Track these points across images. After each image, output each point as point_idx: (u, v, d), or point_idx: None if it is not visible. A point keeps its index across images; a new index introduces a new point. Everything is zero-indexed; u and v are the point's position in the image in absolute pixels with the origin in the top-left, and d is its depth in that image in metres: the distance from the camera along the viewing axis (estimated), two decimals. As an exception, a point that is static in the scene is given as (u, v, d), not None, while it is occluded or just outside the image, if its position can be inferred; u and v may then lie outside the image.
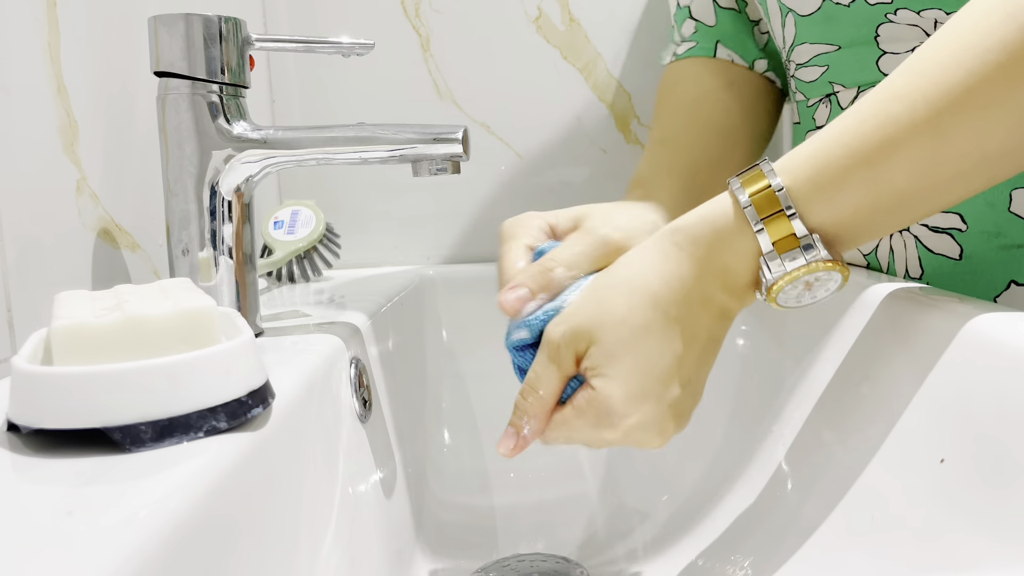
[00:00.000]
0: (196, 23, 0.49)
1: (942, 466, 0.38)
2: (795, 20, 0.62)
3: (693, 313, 0.44)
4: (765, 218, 0.42)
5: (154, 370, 0.32)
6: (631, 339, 0.43)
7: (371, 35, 0.56)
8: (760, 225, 0.42)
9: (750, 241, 0.43)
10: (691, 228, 0.44)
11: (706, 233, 0.44)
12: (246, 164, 0.51)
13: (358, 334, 0.58)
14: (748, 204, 0.42)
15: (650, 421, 0.44)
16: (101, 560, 0.23)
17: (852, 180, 0.41)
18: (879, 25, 0.56)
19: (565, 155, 0.88)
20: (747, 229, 0.43)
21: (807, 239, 0.42)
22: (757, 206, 0.42)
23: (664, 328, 0.44)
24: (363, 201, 0.89)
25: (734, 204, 0.43)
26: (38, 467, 0.30)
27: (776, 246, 0.42)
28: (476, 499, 0.70)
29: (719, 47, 0.71)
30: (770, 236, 0.42)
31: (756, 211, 0.42)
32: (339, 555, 0.42)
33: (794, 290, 0.43)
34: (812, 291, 0.43)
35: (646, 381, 0.43)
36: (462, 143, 0.51)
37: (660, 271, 0.44)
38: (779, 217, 0.42)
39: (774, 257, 0.42)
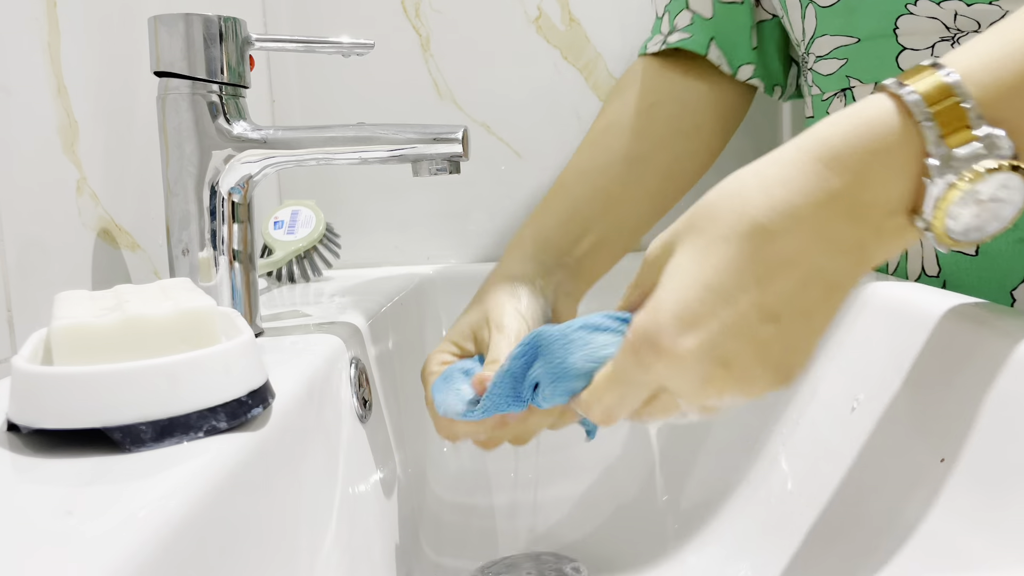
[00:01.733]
0: (196, 23, 0.49)
1: (942, 466, 0.38)
2: (816, 11, 0.62)
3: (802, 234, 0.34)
4: (934, 107, 0.33)
5: (154, 370, 0.32)
6: (703, 249, 0.34)
7: (371, 35, 0.56)
8: (928, 116, 0.33)
9: (910, 142, 0.33)
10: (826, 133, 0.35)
11: (846, 135, 0.34)
12: (246, 164, 0.51)
13: (358, 334, 0.58)
14: (913, 94, 0.33)
15: (714, 353, 0.34)
16: (101, 560, 0.23)
17: None
18: (899, 17, 0.56)
19: (565, 155, 0.88)
20: (909, 125, 0.33)
21: (988, 135, 0.33)
22: (925, 96, 0.33)
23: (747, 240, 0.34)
24: (363, 201, 0.89)
25: (892, 99, 0.34)
26: (38, 467, 0.30)
27: (947, 141, 0.33)
28: (476, 499, 0.70)
29: (712, 46, 0.69)
30: (940, 130, 0.33)
31: (924, 101, 0.33)
32: (339, 555, 0.42)
33: (965, 210, 0.34)
34: (983, 216, 0.34)
35: (708, 298, 0.34)
36: (462, 143, 0.51)
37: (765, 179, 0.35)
38: (952, 108, 0.33)
39: (944, 155, 0.33)
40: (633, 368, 0.36)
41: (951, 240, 0.35)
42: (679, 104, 0.69)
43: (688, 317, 0.34)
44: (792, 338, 0.35)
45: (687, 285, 0.34)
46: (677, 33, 0.70)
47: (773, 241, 0.34)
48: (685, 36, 0.70)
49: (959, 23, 0.54)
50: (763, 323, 0.34)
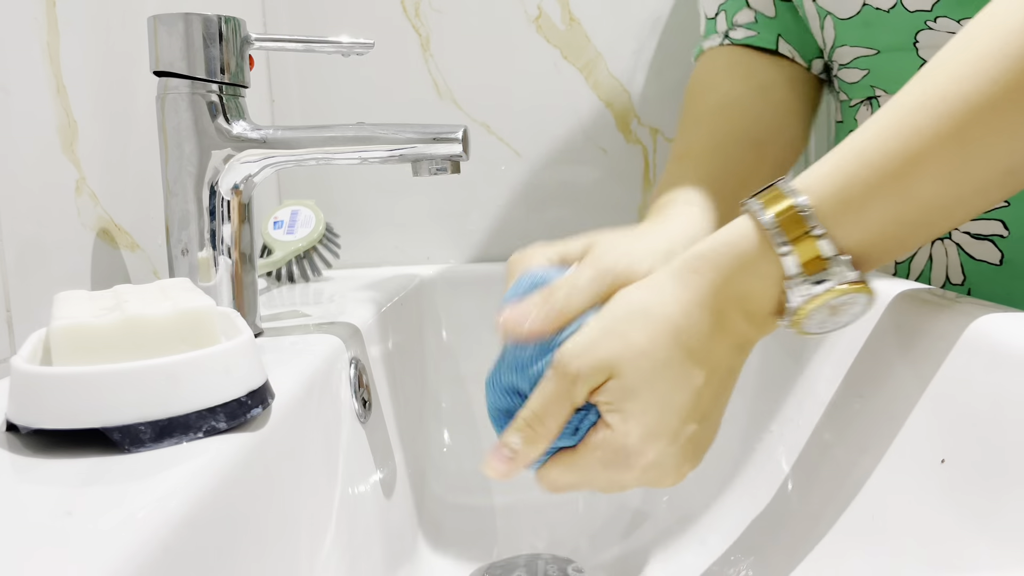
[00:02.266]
0: (196, 23, 0.49)
1: (942, 466, 0.38)
2: (834, 23, 0.61)
3: (713, 344, 0.42)
4: (791, 240, 0.39)
5: (154, 370, 0.32)
6: (651, 374, 0.41)
7: (371, 35, 0.56)
8: (787, 247, 0.40)
9: (773, 265, 0.40)
10: (710, 254, 0.42)
11: (727, 259, 0.41)
12: (246, 164, 0.51)
13: (358, 334, 0.57)
14: (773, 225, 0.40)
15: (666, 460, 0.42)
16: (100, 560, 0.23)
17: (878, 195, 0.39)
18: (918, 32, 0.56)
19: (565, 155, 0.88)
20: (770, 252, 0.40)
21: (835, 260, 0.39)
22: (783, 227, 0.40)
23: (684, 362, 0.42)
24: (363, 201, 0.89)
25: (756, 226, 0.41)
26: (38, 467, 0.30)
27: (804, 268, 0.39)
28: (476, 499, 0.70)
29: (780, 41, 0.66)
30: (798, 258, 0.39)
31: (782, 232, 0.40)
32: (339, 555, 0.42)
33: (819, 315, 0.41)
34: (836, 316, 0.41)
35: (665, 418, 0.42)
36: (462, 143, 0.51)
37: (679, 299, 0.42)
38: (806, 238, 0.39)
39: (801, 281, 0.40)
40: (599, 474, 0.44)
41: (807, 333, 0.42)
42: (788, 88, 0.67)
43: (650, 437, 0.42)
44: (714, 425, 0.45)
45: (646, 409, 0.42)
46: (741, 29, 0.68)
47: (703, 357, 0.42)
48: (751, 33, 0.67)
49: None
50: (700, 424, 0.43)
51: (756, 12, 0.68)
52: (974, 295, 0.59)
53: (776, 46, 0.67)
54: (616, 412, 0.42)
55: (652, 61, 0.87)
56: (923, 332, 0.44)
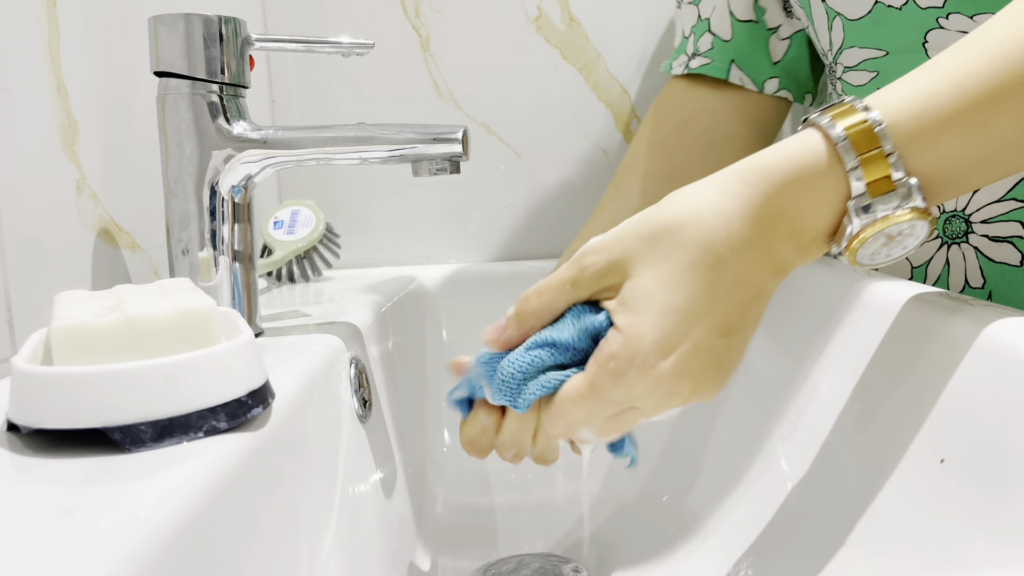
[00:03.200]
0: (196, 23, 0.49)
1: (942, 466, 0.38)
2: (843, 24, 0.61)
3: (748, 259, 0.39)
4: (861, 155, 0.37)
5: (154, 370, 0.32)
6: (671, 277, 0.38)
7: (371, 35, 0.56)
8: (855, 163, 0.37)
9: (837, 182, 0.37)
10: (767, 165, 0.39)
11: (784, 171, 0.38)
12: (246, 164, 0.51)
13: (358, 334, 0.58)
14: (843, 139, 0.37)
15: (683, 372, 0.38)
16: (101, 560, 0.23)
17: (958, 123, 0.37)
18: (928, 31, 0.56)
19: (565, 155, 0.88)
20: (837, 168, 0.37)
21: (903, 184, 0.37)
22: (853, 142, 0.37)
23: (711, 270, 0.38)
24: (363, 201, 0.89)
25: (823, 140, 0.38)
26: (38, 467, 0.30)
27: (869, 188, 0.37)
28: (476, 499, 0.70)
29: (732, 68, 0.71)
30: (865, 177, 0.37)
31: (852, 147, 0.37)
32: (339, 555, 0.42)
33: (875, 242, 0.38)
34: (890, 246, 0.39)
35: (682, 323, 0.38)
36: (462, 143, 0.51)
37: (719, 208, 0.38)
38: (876, 157, 0.37)
39: (864, 201, 0.37)
40: (612, 388, 0.39)
41: (858, 263, 0.40)
42: (711, 118, 0.71)
43: (666, 343, 0.38)
44: (738, 347, 0.40)
45: (663, 312, 0.38)
46: (699, 57, 0.72)
47: (731, 268, 0.38)
48: (706, 61, 0.72)
49: None
50: (721, 338, 0.39)
51: (714, 36, 0.72)
52: (995, 297, 0.59)
53: (727, 74, 0.71)
54: (628, 313, 0.39)
55: (652, 61, 0.87)
56: (923, 332, 0.44)
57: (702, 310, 0.38)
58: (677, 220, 0.39)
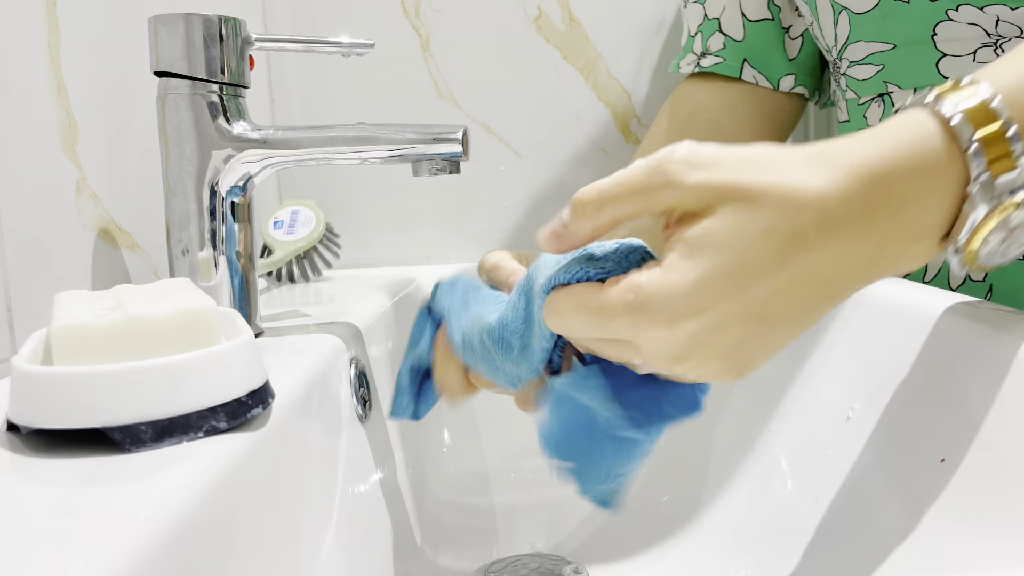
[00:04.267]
0: (196, 23, 0.49)
1: (942, 466, 0.38)
2: (849, 17, 0.61)
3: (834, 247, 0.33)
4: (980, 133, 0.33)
5: (154, 370, 0.32)
6: (748, 238, 0.32)
7: (371, 35, 0.56)
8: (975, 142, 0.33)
9: (956, 167, 0.33)
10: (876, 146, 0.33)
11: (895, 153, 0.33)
12: (246, 164, 0.51)
13: (358, 334, 0.58)
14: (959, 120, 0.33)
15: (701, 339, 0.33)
16: (101, 560, 0.23)
17: None
18: (937, 23, 0.56)
19: (565, 155, 0.88)
20: (954, 150, 0.33)
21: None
22: (970, 118, 0.33)
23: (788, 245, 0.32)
24: (363, 201, 0.89)
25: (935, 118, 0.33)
26: (38, 467, 0.30)
27: (991, 168, 0.33)
28: (476, 499, 0.70)
29: (745, 67, 0.71)
30: (986, 157, 0.33)
31: (969, 123, 0.33)
32: (339, 555, 0.42)
33: (996, 236, 0.34)
34: (1008, 243, 0.34)
35: (724, 289, 0.33)
36: (462, 143, 0.51)
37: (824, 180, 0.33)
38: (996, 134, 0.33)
39: (988, 184, 0.33)
40: (617, 317, 0.34)
41: (976, 264, 0.34)
42: (719, 109, 0.71)
43: (698, 303, 0.33)
44: (769, 341, 0.35)
45: (713, 269, 0.33)
46: (710, 56, 0.72)
47: (807, 252, 0.33)
48: (718, 60, 0.72)
49: (1001, 29, 0.53)
50: (754, 323, 0.34)
51: (726, 36, 0.72)
52: (996, 292, 0.59)
53: (740, 73, 0.71)
54: (682, 255, 0.33)
55: (652, 61, 0.87)
56: (923, 332, 0.44)
57: (753, 283, 0.33)
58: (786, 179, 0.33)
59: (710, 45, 0.73)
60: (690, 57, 0.74)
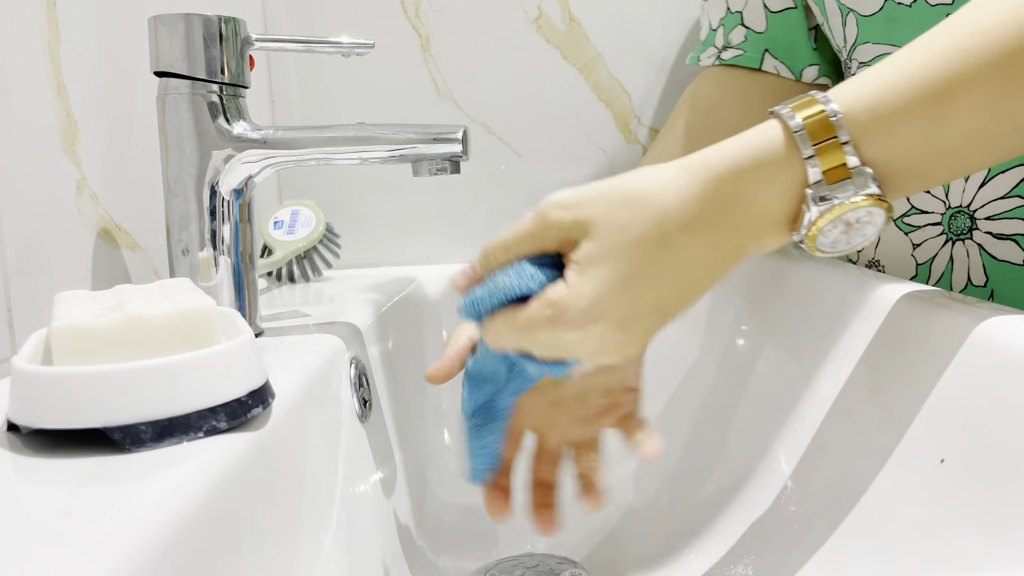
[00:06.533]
0: (196, 23, 0.49)
1: (942, 466, 0.38)
2: (856, 20, 0.61)
3: (700, 242, 0.40)
4: (818, 144, 0.38)
5: (154, 370, 0.32)
6: (623, 248, 0.40)
7: (371, 35, 0.56)
8: (811, 151, 0.38)
9: (795, 170, 0.39)
10: (729, 152, 0.40)
11: (744, 159, 0.40)
12: (246, 164, 0.51)
13: (358, 334, 0.58)
14: (800, 129, 0.39)
15: (608, 333, 0.41)
16: (101, 560, 0.23)
17: (914, 114, 0.38)
18: None
19: (565, 155, 0.88)
20: (795, 156, 0.39)
21: (859, 172, 0.38)
22: (810, 131, 0.38)
23: (659, 247, 0.40)
24: (363, 201, 0.89)
25: (783, 129, 0.39)
26: (38, 467, 0.30)
27: (826, 176, 0.38)
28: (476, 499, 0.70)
29: (766, 57, 0.70)
30: (821, 165, 0.38)
31: (808, 137, 0.38)
32: (339, 555, 0.42)
33: (834, 229, 0.40)
34: (850, 234, 0.40)
35: (622, 293, 0.40)
36: (462, 143, 0.51)
37: (680, 189, 0.40)
38: (832, 145, 0.38)
39: (822, 189, 0.38)
40: (541, 330, 0.42)
41: (818, 251, 0.41)
42: (744, 99, 0.70)
43: (602, 306, 0.40)
44: (666, 320, 0.42)
45: (606, 279, 0.40)
46: (731, 50, 0.72)
47: (679, 249, 0.40)
48: (738, 53, 0.71)
49: None
50: (654, 312, 0.41)
51: (748, 29, 0.71)
52: (997, 296, 0.59)
53: (760, 64, 0.70)
54: (577, 272, 0.41)
55: (652, 61, 0.87)
56: (923, 332, 0.44)
57: (643, 284, 0.40)
58: (640, 194, 0.41)
59: (731, 38, 0.72)
60: (711, 51, 0.74)
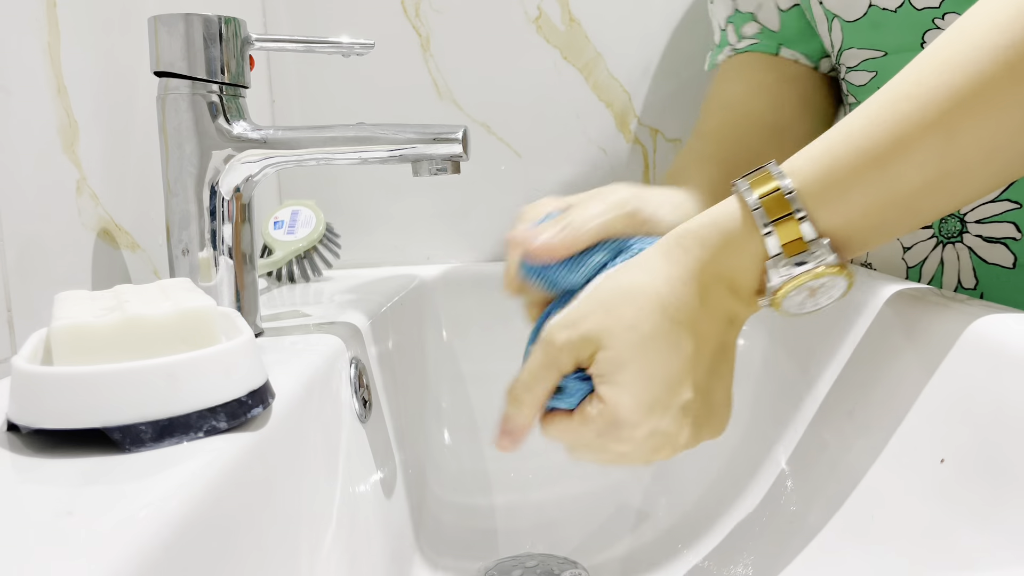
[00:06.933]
0: (196, 23, 0.49)
1: (942, 466, 0.38)
2: (841, 25, 0.61)
3: (700, 318, 0.43)
4: (774, 221, 0.41)
5: (154, 370, 0.32)
6: (640, 345, 0.42)
7: (371, 35, 0.56)
8: (769, 228, 0.41)
9: (757, 244, 0.42)
10: (698, 231, 0.43)
11: (713, 236, 0.43)
12: (246, 164, 0.51)
13: (358, 334, 0.58)
14: (757, 206, 0.41)
15: (661, 429, 0.43)
16: (101, 560, 0.23)
17: (862, 180, 0.40)
18: (926, 31, 0.56)
19: (565, 155, 0.88)
20: (755, 232, 0.41)
21: (815, 243, 0.41)
22: (766, 208, 0.41)
23: (672, 333, 0.42)
24: (363, 201, 0.89)
25: (742, 206, 0.42)
26: (38, 467, 0.30)
27: (784, 249, 0.41)
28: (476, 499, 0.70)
29: (782, 49, 0.69)
30: (779, 239, 0.41)
31: (765, 213, 0.41)
32: (339, 555, 0.42)
33: (798, 296, 0.42)
34: (815, 297, 0.42)
35: (656, 388, 0.42)
36: (462, 143, 0.51)
37: (667, 275, 0.43)
38: (788, 220, 0.41)
39: (781, 261, 0.41)
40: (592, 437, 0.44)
41: (788, 313, 0.43)
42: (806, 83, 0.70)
43: (644, 410, 0.42)
44: (716, 399, 0.45)
45: (637, 382, 0.42)
46: (746, 40, 0.71)
47: (687, 328, 0.43)
48: (754, 41, 0.70)
49: None
50: (696, 394, 0.43)
51: (762, 26, 0.70)
52: (987, 299, 0.59)
53: (777, 50, 0.69)
54: (607, 384, 0.43)
55: (652, 62, 0.87)
56: (923, 332, 0.44)
57: (671, 373, 0.42)
58: (633, 290, 0.43)
59: (745, 31, 0.71)
60: (727, 49, 0.73)
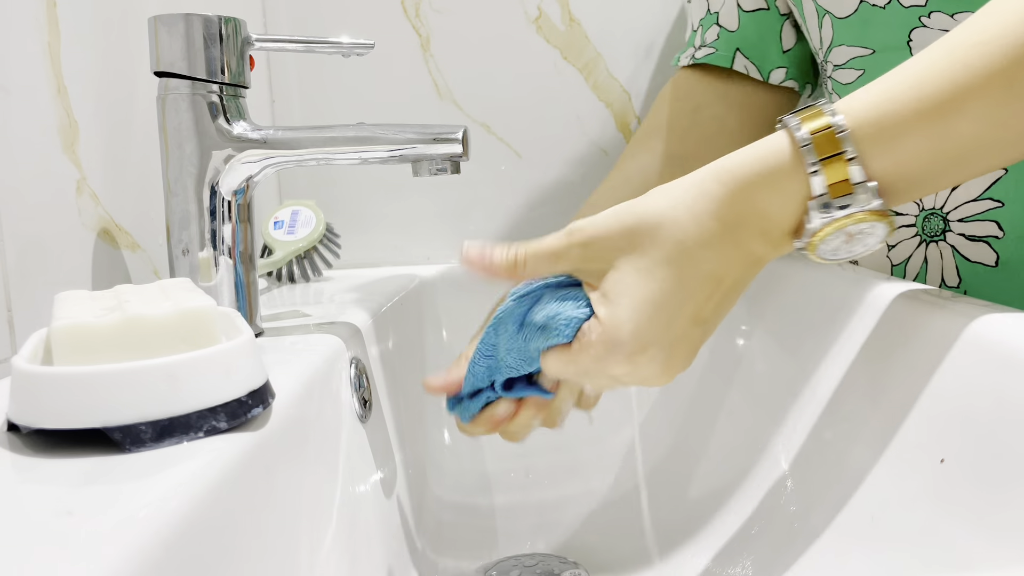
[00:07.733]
0: (196, 23, 0.49)
1: (942, 466, 0.38)
2: (832, 22, 0.62)
3: (721, 255, 0.41)
4: (822, 159, 0.39)
5: (154, 370, 0.32)
6: (648, 272, 0.41)
7: (371, 35, 0.56)
8: (816, 167, 0.39)
9: (801, 183, 0.40)
10: (738, 165, 0.41)
11: (753, 171, 0.41)
12: (246, 164, 0.51)
13: (358, 334, 0.58)
14: (807, 142, 0.39)
15: (657, 357, 0.42)
16: (101, 560, 0.23)
17: (918, 127, 0.39)
18: (912, 29, 0.56)
19: (565, 155, 0.88)
20: (800, 169, 0.40)
21: (862, 187, 0.39)
22: (816, 145, 0.39)
23: (684, 266, 0.41)
24: (363, 201, 0.89)
25: (791, 141, 0.40)
26: (38, 467, 0.30)
27: (829, 190, 0.39)
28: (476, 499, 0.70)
29: (737, 56, 0.71)
30: (825, 179, 0.39)
31: (814, 150, 0.39)
32: (339, 555, 0.42)
33: (835, 240, 0.41)
34: (851, 244, 0.41)
35: (658, 315, 0.41)
36: (462, 143, 0.51)
37: (693, 207, 0.41)
38: (837, 160, 0.39)
39: (824, 202, 0.39)
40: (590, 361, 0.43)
41: (819, 258, 0.42)
42: (723, 105, 0.71)
43: (643, 334, 0.42)
44: (709, 332, 0.44)
45: (639, 306, 0.41)
46: (704, 48, 0.73)
47: (703, 264, 0.41)
48: (711, 51, 0.72)
49: None
50: (695, 327, 0.43)
51: (721, 28, 0.72)
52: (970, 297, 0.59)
53: (731, 63, 0.71)
54: (609, 305, 0.42)
55: (652, 61, 0.87)
56: (923, 332, 0.44)
57: (676, 303, 0.42)
58: (656, 217, 0.42)
59: (707, 37, 0.73)
60: (689, 51, 0.75)
